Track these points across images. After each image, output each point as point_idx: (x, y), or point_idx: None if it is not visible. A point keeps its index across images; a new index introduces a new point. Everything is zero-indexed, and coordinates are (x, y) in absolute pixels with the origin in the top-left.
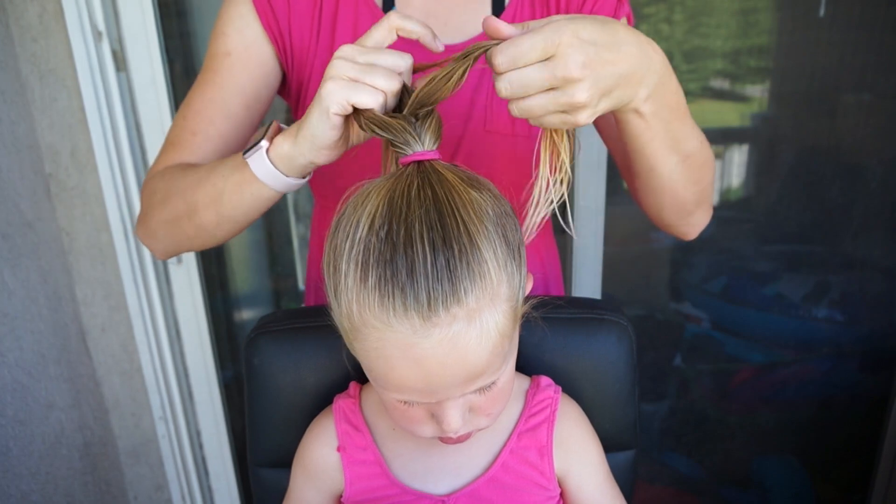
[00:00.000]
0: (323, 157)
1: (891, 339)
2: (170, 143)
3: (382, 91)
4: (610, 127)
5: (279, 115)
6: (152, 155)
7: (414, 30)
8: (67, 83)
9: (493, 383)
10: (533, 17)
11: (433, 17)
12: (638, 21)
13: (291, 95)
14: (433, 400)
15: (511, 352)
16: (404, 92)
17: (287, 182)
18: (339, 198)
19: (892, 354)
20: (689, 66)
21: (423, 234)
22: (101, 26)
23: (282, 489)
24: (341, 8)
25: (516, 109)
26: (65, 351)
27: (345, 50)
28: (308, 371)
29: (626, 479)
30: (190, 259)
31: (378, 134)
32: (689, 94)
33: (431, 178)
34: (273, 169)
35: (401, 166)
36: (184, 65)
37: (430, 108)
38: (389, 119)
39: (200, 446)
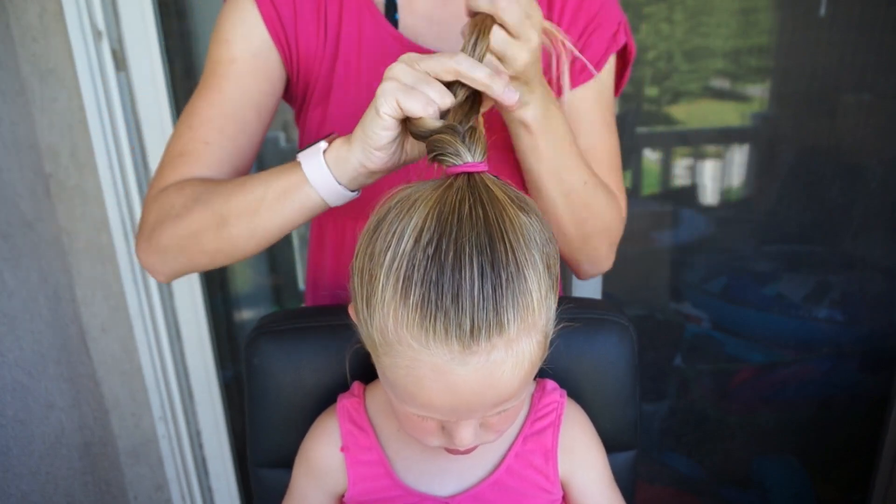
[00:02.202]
0: (375, 160)
1: (891, 339)
2: (178, 154)
3: (434, 102)
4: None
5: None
6: (152, 155)
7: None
8: (67, 83)
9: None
10: None
11: (438, 24)
12: (638, 21)
13: (296, 100)
14: (454, 420)
15: (533, 374)
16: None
17: (337, 190)
18: None
19: (892, 354)
20: (689, 65)
21: (473, 258)
22: (101, 26)
23: (282, 489)
24: (345, 14)
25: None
26: (65, 351)
27: (408, 55)
28: (308, 371)
29: (626, 479)
30: None
31: (423, 138)
32: (690, 94)
33: (482, 196)
34: (327, 171)
35: (447, 175)
36: (184, 65)
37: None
38: (437, 124)
39: (200, 446)
